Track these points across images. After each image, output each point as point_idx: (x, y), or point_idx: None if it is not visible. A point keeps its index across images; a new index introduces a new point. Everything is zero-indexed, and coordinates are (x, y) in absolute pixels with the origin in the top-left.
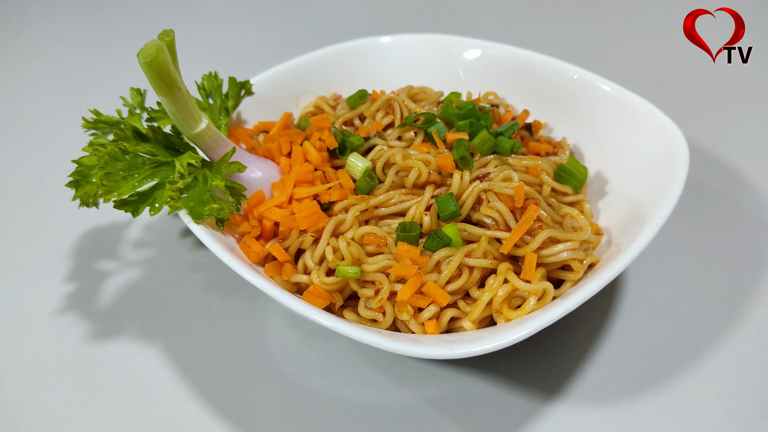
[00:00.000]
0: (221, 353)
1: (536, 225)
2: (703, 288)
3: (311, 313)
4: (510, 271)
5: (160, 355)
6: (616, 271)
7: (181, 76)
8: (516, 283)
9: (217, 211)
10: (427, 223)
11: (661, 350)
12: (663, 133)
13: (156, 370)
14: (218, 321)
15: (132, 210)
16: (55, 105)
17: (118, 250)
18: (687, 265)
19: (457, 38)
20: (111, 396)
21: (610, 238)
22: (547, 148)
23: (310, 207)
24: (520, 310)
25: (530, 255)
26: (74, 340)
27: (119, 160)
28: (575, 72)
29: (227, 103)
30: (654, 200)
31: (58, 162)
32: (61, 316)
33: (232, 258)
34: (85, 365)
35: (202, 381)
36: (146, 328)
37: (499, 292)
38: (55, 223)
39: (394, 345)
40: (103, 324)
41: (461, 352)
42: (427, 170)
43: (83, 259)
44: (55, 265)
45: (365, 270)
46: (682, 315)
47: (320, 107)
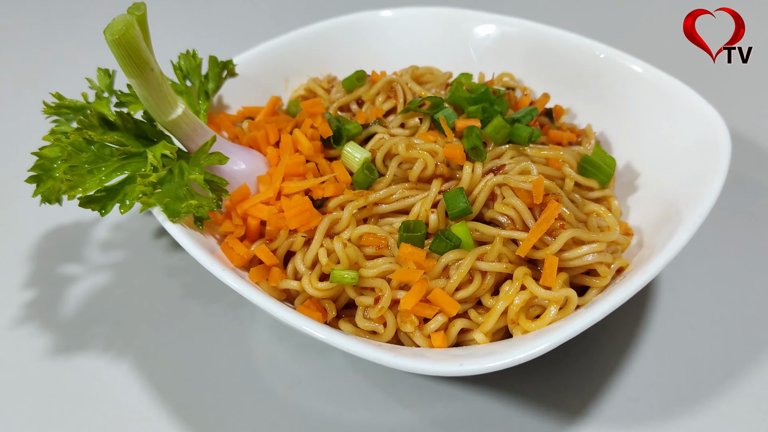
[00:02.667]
0: (201, 369)
1: (557, 224)
2: (745, 294)
3: (303, 324)
4: (528, 276)
5: (132, 372)
6: (648, 277)
7: (154, 56)
8: (535, 290)
9: (195, 208)
10: (433, 222)
11: (698, 365)
12: (701, 119)
13: (127, 388)
14: (197, 332)
15: (99, 208)
16: (10, 87)
17: (83, 252)
18: (727, 268)
19: (467, 12)
20: (76, 418)
21: (641, 238)
22: (570, 136)
23: (300, 204)
24: (539, 321)
25: (551, 258)
26: (34, 353)
27: (84, 151)
28: (601, 50)
29: (207, 85)
30: (691, 196)
31: (15, 153)
32: (19, 326)
33: (213, 262)
34: (47, 382)
35: (180, 401)
36: (116, 341)
37: (516, 300)
38: (12, 222)
39: (397, 360)
40: (67, 335)
41: (473, 369)
42: (434, 162)
43: (44, 262)
44: (13, 269)
45: (364, 275)
46: (722, 324)
47: (312, 90)
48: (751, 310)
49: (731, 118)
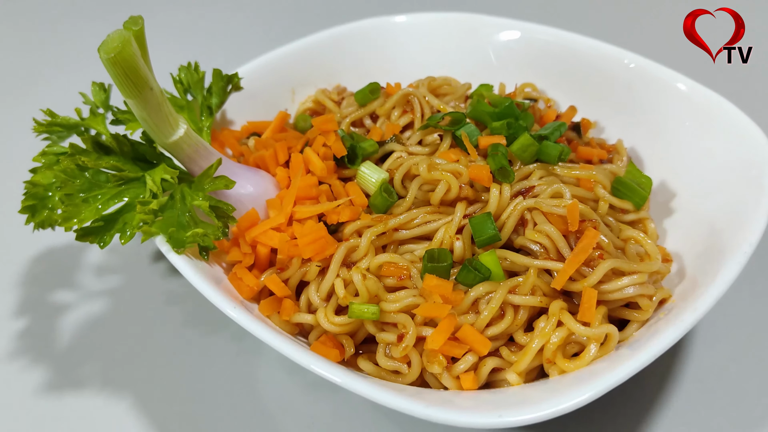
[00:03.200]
0: (205, 408)
1: (595, 254)
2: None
3: (320, 367)
4: (564, 311)
5: (130, 411)
6: (699, 314)
7: (152, 73)
8: (573, 326)
9: (200, 237)
10: (458, 250)
11: (740, 403)
12: (742, 136)
13: (123, 430)
14: (200, 366)
15: (98, 240)
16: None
17: (77, 278)
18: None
19: (484, 17)
20: None
21: (681, 266)
22: (601, 153)
23: (315, 230)
24: (579, 360)
25: (589, 291)
26: (24, 391)
27: (77, 178)
28: (632, 60)
29: (210, 100)
30: (736, 221)
31: (4, 171)
32: (8, 361)
33: (223, 299)
34: (37, 423)
35: None
36: (112, 377)
37: (553, 338)
38: (1, 244)
39: (428, 411)
40: (60, 371)
41: (513, 420)
42: (458, 184)
43: (35, 289)
44: (2, 297)
45: (385, 309)
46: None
47: (321, 102)
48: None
49: None
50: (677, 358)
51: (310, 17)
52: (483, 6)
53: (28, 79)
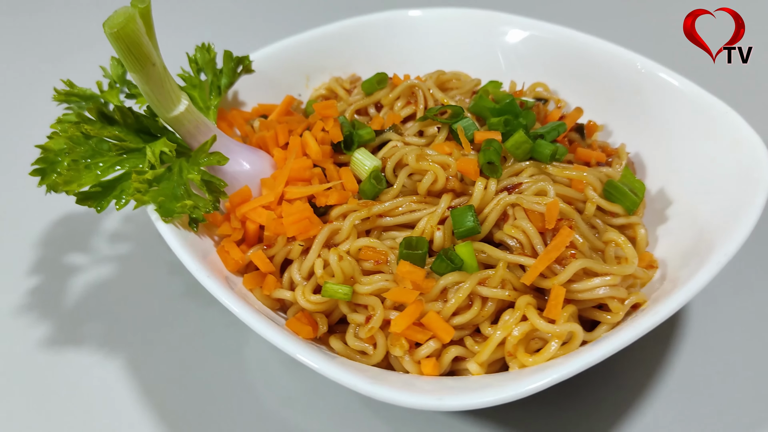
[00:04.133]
0: (192, 375)
1: (568, 252)
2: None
3: (272, 335)
4: (531, 306)
5: (122, 371)
6: (659, 318)
7: (158, 50)
8: (536, 322)
9: (190, 208)
10: (438, 240)
11: (723, 414)
12: (742, 144)
13: (115, 388)
14: (194, 335)
15: (95, 205)
16: (28, 71)
17: (90, 242)
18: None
19: (502, 15)
20: (60, 412)
21: (665, 272)
22: (599, 156)
23: (300, 210)
24: (538, 356)
25: (558, 289)
26: (29, 344)
27: (81, 145)
28: (643, 63)
29: (220, 80)
30: (723, 232)
31: (28, 137)
32: (19, 315)
33: (199, 267)
34: (37, 374)
35: (165, 405)
36: (111, 337)
37: (515, 331)
38: (23, 208)
39: (370, 388)
40: (64, 328)
41: (453, 404)
42: (445, 175)
43: (51, 251)
44: (20, 256)
45: (358, 291)
46: (754, 371)
47: (334, 90)
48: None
49: None
50: (659, 367)
51: (330, 7)
52: (507, 2)
53: (58, 53)
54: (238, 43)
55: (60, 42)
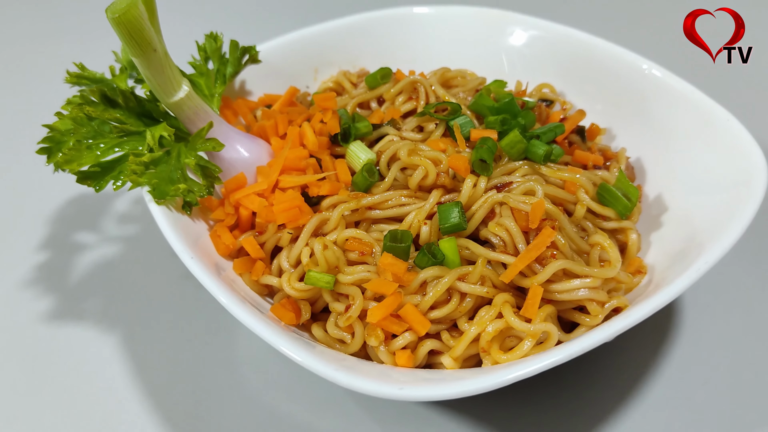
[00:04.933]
0: (183, 353)
1: (549, 253)
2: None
3: (250, 322)
4: (508, 304)
5: (117, 346)
6: (629, 322)
7: (160, 36)
8: (510, 320)
9: (184, 192)
10: (425, 234)
11: (708, 427)
12: (740, 153)
13: (109, 362)
14: (188, 316)
15: (95, 184)
16: (49, 54)
17: (99, 222)
18: (759, 320)
19: (512, 14)
20: (55, 383)
21: (652, 278)
22: (596, 159)
23: (291, 199)
24: (511, 353)
25: (535, 288)
26: (31, 316)
27: (84, 126)
28: (649, 67)
29: (225, 69)
30: (712, 238)
31: (46, 117)
32: (24, 288)
33: (184, 248)
34: (36, 345)
35: (153, 382)
36: (109, 314)
37: (489, 327)
38: (39, 186)
39: (335, 374)
40: (66, 303)
41: (412, 395)
42: (435, 171)
43: (61, 228)
44: (31, 231)
45: (340, 280)
46: (742, 382)
47: (341, 84)
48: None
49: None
50: (645, 374)
51: (341, 3)
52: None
53: (79, 36)
54: (250, 35)
55: (81, 26)
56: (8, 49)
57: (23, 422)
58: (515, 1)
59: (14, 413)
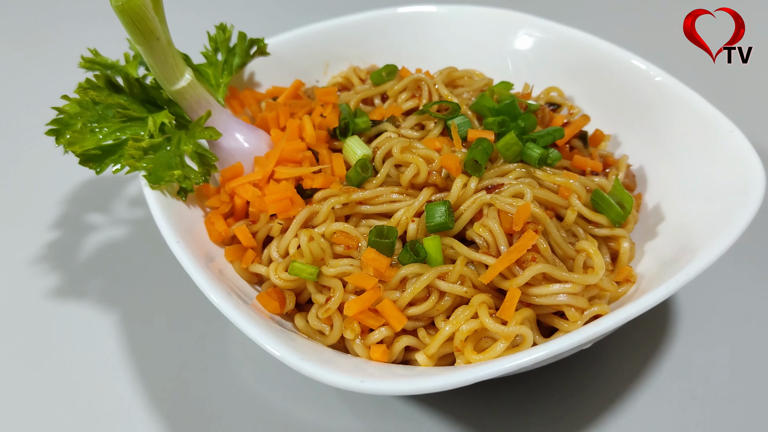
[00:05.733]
0: (176, 338)
1: (529, 256)
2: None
3: (222, 306)
4: (484, 305)
5: (114, 326)
6: (601, 329)
7: (165, 25)
8: (485, 321)
9: (179, 178)
10: (411, 232)
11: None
12: (741, 165)
13: (105, 342)
14: (187, 301)
15: (96, 166)
16: (70, 39)
17: (111, 205)
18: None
19: (527, 17)
20: (52, 357)
21: (639, 286)
22: (595, 165)
23: (283, 190)
24: (483, 354)
25: (513, 291)
26: (36, 292)
27: (89, 110)
28: (658, 74)
29: (233, 60)
30: (701, 249)
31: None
32: (33, 265)
33: (170, 232)
34: (38, 320)
35: (144, 362)
36: (111, 294)
37: (463, 327)
38: (57, 168)
39: (300, 364)
40: (71, 281)
41: (372, 388)
42: (427, 169)
43: (74, 209)
44: (46, 211)
45: (324, 273)
46: (729, 399)
47: (350, 79)
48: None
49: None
50: (629, 387)
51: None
52: (534, 4)
53: (98, 24)
54: (264, 29)
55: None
56: (35, 33)
57: (20, 389)
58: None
59: (12, 381)
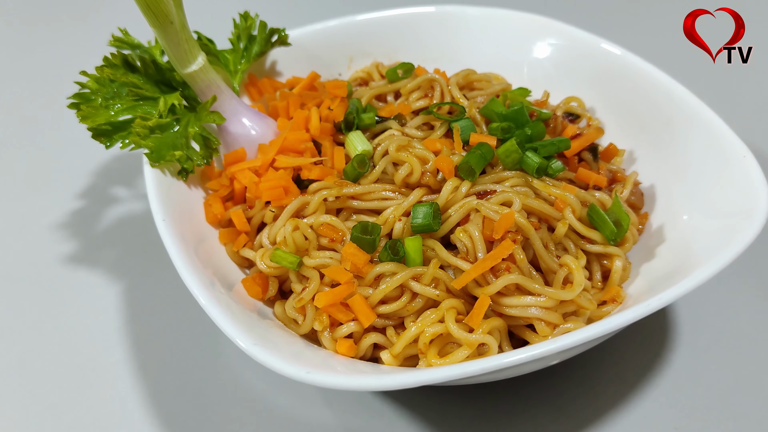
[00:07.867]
0: (172, 319)
1: (503, 265)
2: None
3: (189, 281)
4: (453, 310)
5: (117, 296)
6: (558, 346)
7: (181, 8)
8: (450, 326)
9: (181, 158)
10: (397, 231)
11: None
12: (748, 191)
13: (105, 311)
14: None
15: (105, 141)
16: (105, 18)
17: (135, 180)
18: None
19: (554, 23)
20: (56, 319)
21: (626, 305)
22: (599, 179)
23: (278, 178)
24: (444, 359)
25: (483, 298)
26: (52, 256)
27: (105, 87)
28: (681, 92)
29: (252, 48)
30: (691, 274)
31: None
32: (53, 231)
33: (159, 209)
34: (49, 284)
35: (138, 343)
36: (119, 266)
37: (428, 329)
38: (84, 142)
39: (252, 349)
40: (85, 250)
41: (317, 380)
42: (421, 169)
43: (101, 181)
44: (75, 180)
45: (305, 263)
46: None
47: (371, 74)
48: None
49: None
50: (611, 410)
51: None
52: (566, 11)
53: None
54: (292, 20)
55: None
56: (76, 11)
57: (22, 347)
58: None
59: (15, 340)
